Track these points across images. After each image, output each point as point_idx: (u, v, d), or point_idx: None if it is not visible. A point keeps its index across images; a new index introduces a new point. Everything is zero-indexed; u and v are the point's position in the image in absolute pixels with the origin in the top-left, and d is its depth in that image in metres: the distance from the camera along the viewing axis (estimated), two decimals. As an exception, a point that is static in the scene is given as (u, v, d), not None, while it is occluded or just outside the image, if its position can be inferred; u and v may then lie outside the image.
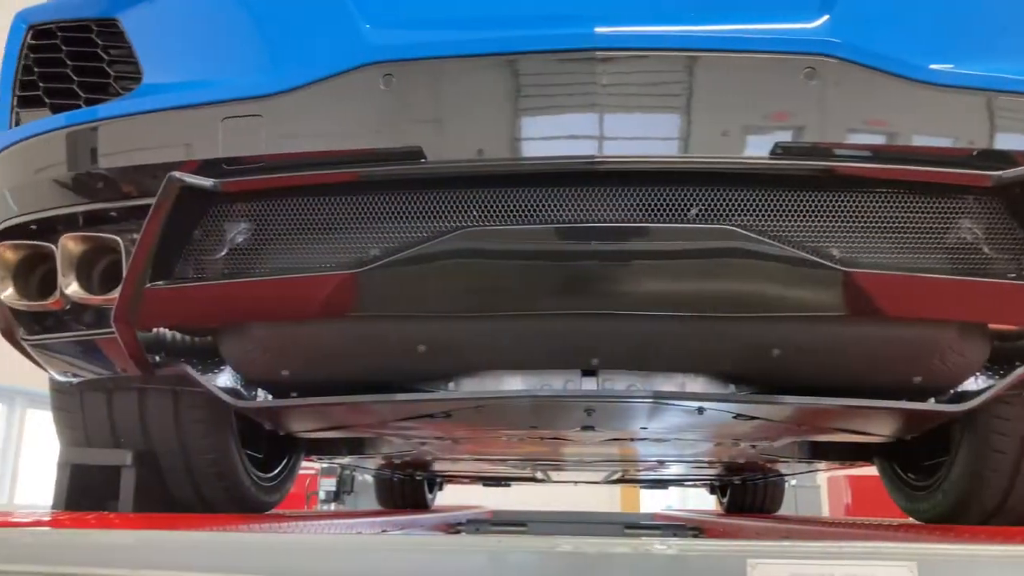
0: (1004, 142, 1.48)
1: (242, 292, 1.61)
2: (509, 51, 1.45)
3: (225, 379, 1.88)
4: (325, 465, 7.17)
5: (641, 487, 7.62)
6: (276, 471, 2.61)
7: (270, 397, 1.91)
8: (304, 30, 1.59)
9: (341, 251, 1.56)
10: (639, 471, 4.48)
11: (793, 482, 8.04)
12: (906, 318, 1.58)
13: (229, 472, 2.23)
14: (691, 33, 1.46)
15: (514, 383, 1.81)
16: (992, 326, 1.69)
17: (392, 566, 0.91)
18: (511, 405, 1.83)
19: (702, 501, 9.51)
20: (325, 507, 7.86)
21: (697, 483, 5.69)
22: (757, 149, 1.43)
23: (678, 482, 5.78)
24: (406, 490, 5.49)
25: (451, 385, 1.82)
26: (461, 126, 1.46)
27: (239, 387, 1.89)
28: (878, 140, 1.46)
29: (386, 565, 0.91)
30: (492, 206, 1.49)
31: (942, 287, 1.52)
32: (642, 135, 1.47)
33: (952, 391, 1.80)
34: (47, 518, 1.56)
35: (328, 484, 7.80)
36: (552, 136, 1.46)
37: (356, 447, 2.98)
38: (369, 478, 6.31)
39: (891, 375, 1.72)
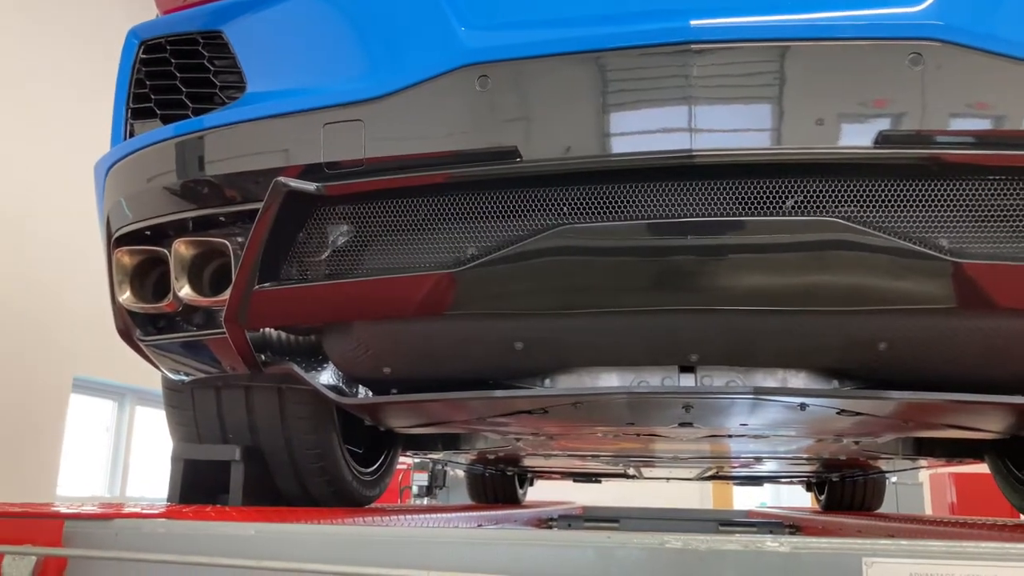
0: None
1: (344, 292, 1.66)
2: (603, 48, 1.46)
3: (328, 376, 1.94)
4: (418, 460, 7.29)
5: (734, 484, 7.50)
6: (375, 466, 2.67)
7: (371, 394, 1.96)
8: (401, 35, 1.62)
9: (439, 251, 1.59)
10: (733, 468, 4.42)
11: (894, 479, 7.81)
12: (1018, 309, 1.52)
13: (332, 467, 2.29)
14: (788, 22, 1.44)
15: (610, 380, 1.81)
16: (1116, 317, 1.61)
17: (506, 558, 0.92)
18: (608, 402, 1.83)
19: (796, 499, 9.30)
20: (418, 501, 7.98)
21: (793, 480, 5.56)
22: (860, 138, 1.40)
23: (773, 479, 5.66)
24: (497, 485, 5.54)
25: (547, 382, 1.83)
26: (555, 125, 1.47)
27: (341, 384, 1.95)
28: (986, 125, 1.41)
29: (499, 556, 0.93)
30: (587, 203, 1.50)
31: (1057, 277, 1.46)
32: (739, 127, 1.44)
33: (1071, 386, 1.72)
34: (162, 509, 1.63)
35: (421, 479, 7.92)
36: (647, 131, 1.45)
37: (451, 442, 3.02)
38: (460, 473, 6.39)
39: (1003, 369, 1.66)
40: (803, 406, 1.78)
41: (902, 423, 1.97)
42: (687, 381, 1.77)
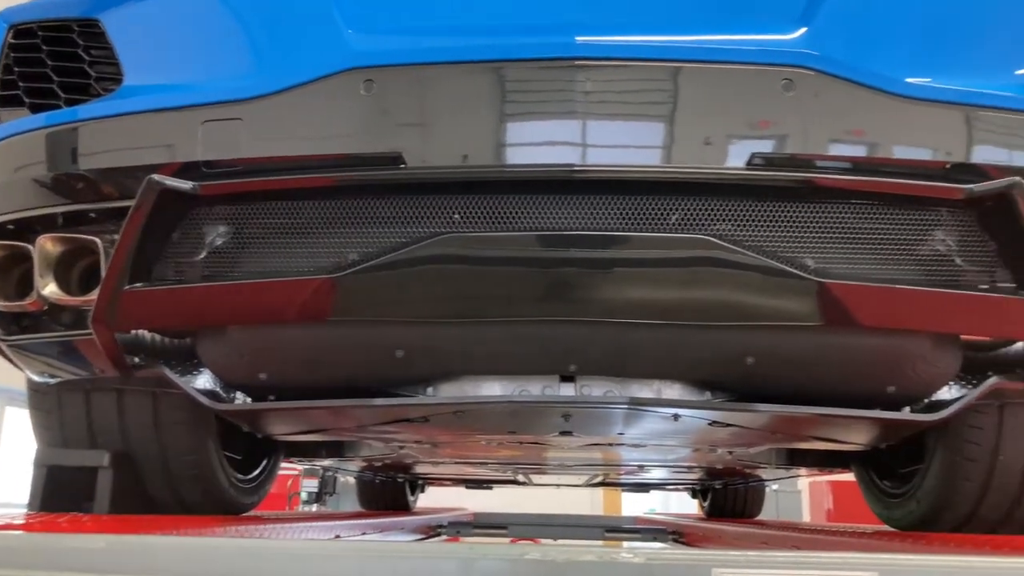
0: (977, 155, 1.51)
1: (221, 295, 1.62)
2: (489, 59, 1.47)
3: (204, 381, 1.88)
4: (307, 466, 7.15)
5: (623, 491, 7.64)
6: (255, 473, 2.60)
7: (249, 400, 1.91)
8: (286, 34, 1.60)
9: (320, 255, 1.57)
10: (620, 475, 4.50)
11: (775, 487, 8.11)
12: (880, 328, 1.60)
13: (208, 474, 2.22)
14: (669, 43, 1.48)
15: (493, 388, 1.81)
16: (964, 337, 1.71)
17: (360, 571, 0.91)
18: (489, 410, 1.84)
19: (685, 505, 9.54)
20: (307, 508, 7.84)
21: (679, 487, 5.71)
22: (733, 159, 1.45)
23: (659, 486, 5.80)
24: (387, 492, 5.49)
25: (430, 390, 1.82)
26: (441, 132, 1.47)
27: (218, 389, 1.89)
28: (853, 152, 1.48)
29: (353, 570, 0.92)
30: (471, 212, 1.50)
31: (915, 298, 1.54)
32: (620, 144, 1.48)
33: (926, 401, 1.82)
34: (19, 520, 1.55)
35: (310, 485, 7.79)
36: (531, 143, 1.47)
37: (335, 450, 2.98)
38: (351, 479, 6.31)
39: (865, 384, 1.74)
40: (676, 417, 1.83)
41: (772, 434, 2.05)
42: (567, 391, 1.79)
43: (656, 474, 4.33)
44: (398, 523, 4.04)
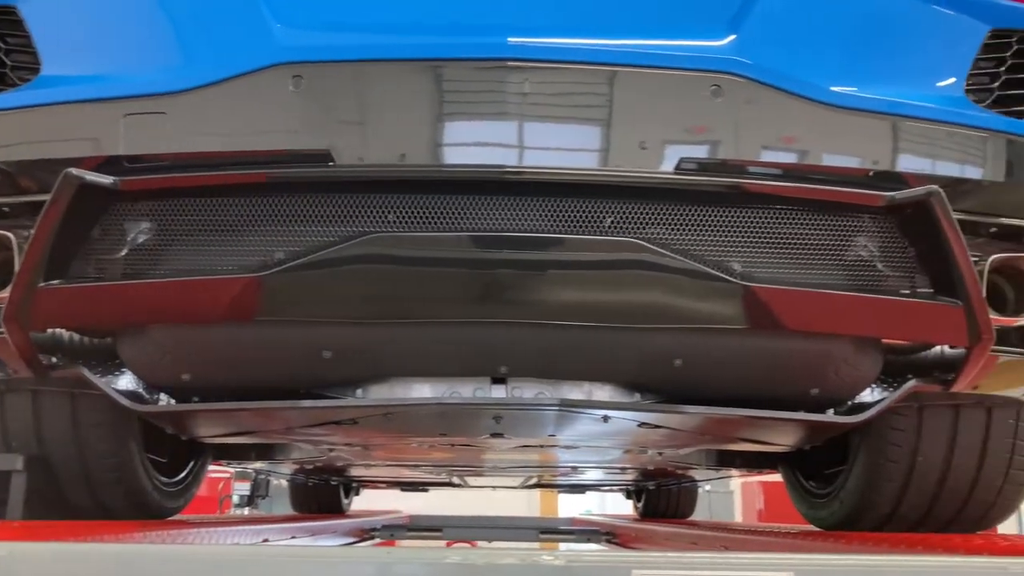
0: (898, 164, 1.55)
1: (142, 294, 1.57)
2: (419, 57, 1.45)
3: (125, 382, 1.83)
4: (239, 469, 7.02)
5: (559, 492, 7.68)
6: (180, 476, 2.54)
7: (172, 401, 1.87)
8: (213, 27, 1.56)
9: (247, 254, 1.54)
10: (555, 476, 4.51)
11: (708, 487, 8.23)
12: (804, 332, 1.63)
13: (129, 477, 2.16)
14: (601, 47, 1.48)
15: (423, 390, 1.80)
16: (885, 341, 1.76)
17: (277, 577, 0.89)
18: (419, 412, 1.82)
19: (621, 506, 9.63)
20: (238, 511, 7.69)
21: (613, 488, 5.75)
22: (662, 164, 1.46)
23: (595, 487, 5.84)
24: (321, 495, 5.42)
25: (359, 392, 1.80)
26: (369, 130, 1.45)
27: (140, 391, 1.84)
28: (779, 158, 1.51)
29: (272, 574, 0.90)
30: (400, 212, 1.49)
31: (838, 302, 1.57)
32: (551, 146, 1.48)
33: (848, 403, 1.86)
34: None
35: (242, 488, 7.64)
36: (461, 144, 1.46)
37: (265, 452, 2.92)
38: (285, 483, 6.20)
39: (789, 387, 1.77)
40: (606, 418, 1.84)
41: (700, 436, 2.08)
42: (498, 393, 1.79)
43: (591, 475, 4.35)
44: (330, 526, 3.99)
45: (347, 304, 1.56)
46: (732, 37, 1.53)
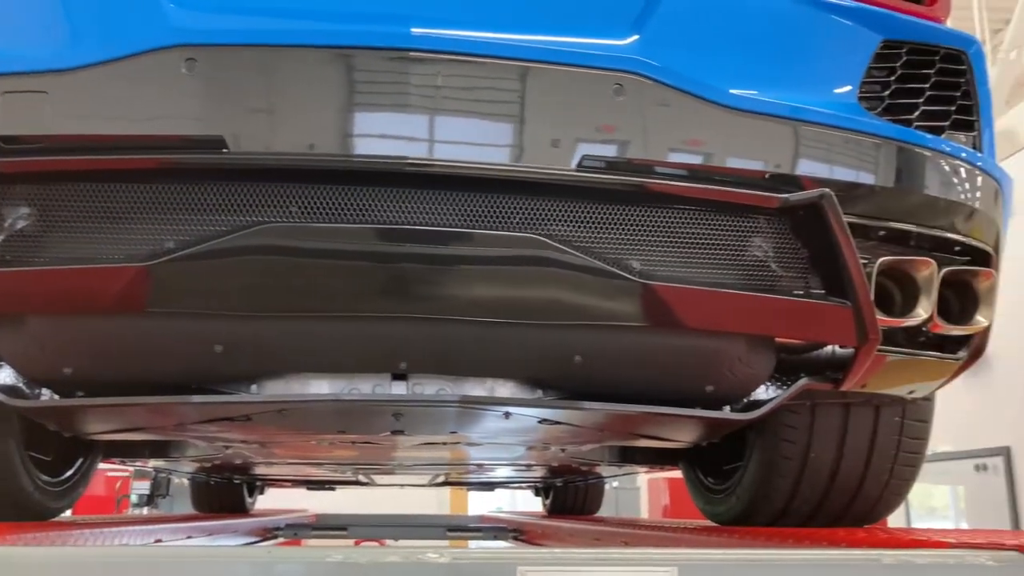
0: (794, 167, 1.58)
1: (20, 282, 1.49)
2: (318, 44, 1.41)
3: (5, 376, 1.73)
4: (139, 468, 6.79)
5: (468, 490, 7.67)
6: (67, 475, 2.42)
7: (56, 396, 1.78)
8: (102, 5, 1.49)
9: (135, 242, 1.47)
10: (463, 474, 4.50)
11: (615, 484, 8.34)
12: (701, 330, 1.65)
13: (8, 476, 2.05)
14: (506, 41, 1.47)
15: (321, 387, 1.76)
16: (778, 340, 1.80)
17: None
18: (316, 409, 1.78)
19: (532, 503, 9.69)
20: (137, 511, 7.43)
21: (521, 485, 5.77)
22: (564, 160, 1.45)
23: (503, 485, 5.85)
24: (223, 494, 5.28)
25: (254, 387, 1.74)
26: (264, 118, 1.41)
27: (20, 385, 1.75)
28: (678, 159, 1.52)
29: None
30: (297, 202, 1.44)
31: (735, 301, 1.60)
32: (454, 139, 1.46)
33: (743, 400, 1.90)
34: None
35: (141, 487, 7.38)
36: (360, 134, 1.43)
37: (159, 450, 2.82)
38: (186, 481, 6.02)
39: (686, 384, 1.80)
40: (507, 415, 1.83)
41: (601, 432, 2.09)
42: (399, 389, 1.76)
43: (498, 473, 4.35)
44: (230, 526, 3.89)
45: (240, 297, 1.51)
46: (635, 37, 1.54)
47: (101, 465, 2.84)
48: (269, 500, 6.22)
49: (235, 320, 1.58)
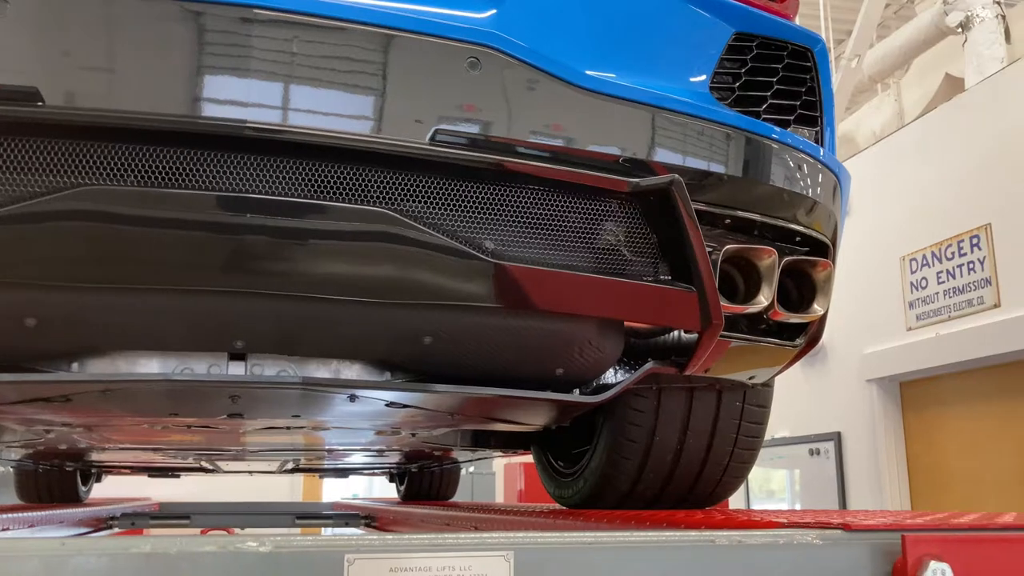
0: (646, 153, 1.58)
1: None
2: (150, -8, 1.30)
3: None
4: (-43, 455, 6.26)
5: (321, 476, 7.51)
6: None
7: None
8: None
9: None
10: (314, 461, 4.37)
11: (471, 469, 8.37)
12: (551, 312, 1.64)
13: None
14: (356, 5, 1.40)
15: (151, 366, 1.64)
16: (627, 324, 1.81)
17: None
18: (143, 390, 1.65)
19: (389, 489, 9.59)
20: (-44, 502, 6.87)
21: (375, 472, 5.68)
22: (415, 133, 1.40)
23: (356, 471, 5.74)
24: (52, 482, 4.92)
25: (75, 365, 1.61)
26: (89, 69, 1.28)
27: None
28: (532, 138, 1.49)
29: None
30: (124, 164, 1.33)
31: (585, 284, 1.59)
32: (299, 107, 1.37)
33: (592, 383, 1.91)
34: None
35: (-41, 476, 6.81)
36: (195, 95, 1.32)
37: (-34, 434, 2.58)
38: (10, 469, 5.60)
39: (536, 366, 1.78)
40: (353, 397, 1.76)
41: (451, 416, 2.05)
42: (236, 369, 1.66)
43: (351, 459, 4.25)
44: (58, 516, 3.63)
45: (55, 266, 1.38)
46: (493, 11, 1.50)
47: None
48: (111, 489, 5.87)
49: (50, 291, 1.44)
